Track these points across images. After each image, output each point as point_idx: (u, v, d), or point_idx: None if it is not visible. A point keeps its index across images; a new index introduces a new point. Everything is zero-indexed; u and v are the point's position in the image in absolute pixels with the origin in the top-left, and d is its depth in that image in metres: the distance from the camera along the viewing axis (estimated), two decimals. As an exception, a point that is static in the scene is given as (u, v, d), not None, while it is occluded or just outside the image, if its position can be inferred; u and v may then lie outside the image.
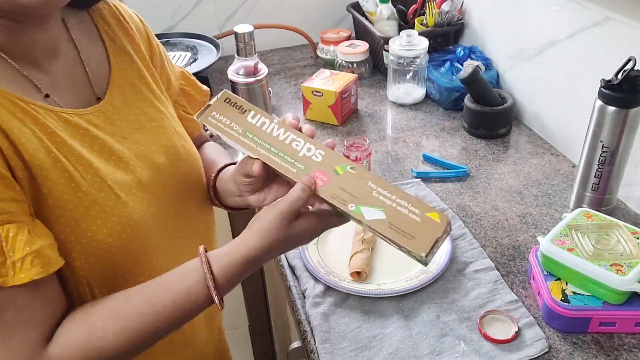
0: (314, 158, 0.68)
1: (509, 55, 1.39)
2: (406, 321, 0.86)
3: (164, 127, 0.75)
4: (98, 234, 0.63)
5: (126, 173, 0.68)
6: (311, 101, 1.39)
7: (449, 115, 1.42)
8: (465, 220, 1.06)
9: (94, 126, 0.67)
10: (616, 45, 1.04)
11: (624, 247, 0.86)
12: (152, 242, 0.70)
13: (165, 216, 0.72)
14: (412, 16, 1.61)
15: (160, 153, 0.73)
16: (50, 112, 0.63)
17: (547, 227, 1.04)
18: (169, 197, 0.73)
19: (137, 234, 0.67)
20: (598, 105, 0.97)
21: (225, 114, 0.70)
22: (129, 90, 0.74)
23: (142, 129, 0.73)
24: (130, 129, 0.71)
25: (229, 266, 0.65)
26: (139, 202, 0.68)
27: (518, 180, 1.17)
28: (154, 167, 0.72)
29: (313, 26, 1.74)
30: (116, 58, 0.74)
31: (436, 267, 0.94)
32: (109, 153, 0.67)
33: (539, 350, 0.81)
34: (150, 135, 0.73)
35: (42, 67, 0.65)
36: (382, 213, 0.65)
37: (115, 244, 0.65)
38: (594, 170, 1.01)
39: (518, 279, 0.94)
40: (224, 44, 1.59)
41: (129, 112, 0.72)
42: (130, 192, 0.67)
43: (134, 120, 0.72)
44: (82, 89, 0.69)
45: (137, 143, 0.71)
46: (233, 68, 1.31)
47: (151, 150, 0.72)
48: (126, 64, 0.75)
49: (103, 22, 0.75)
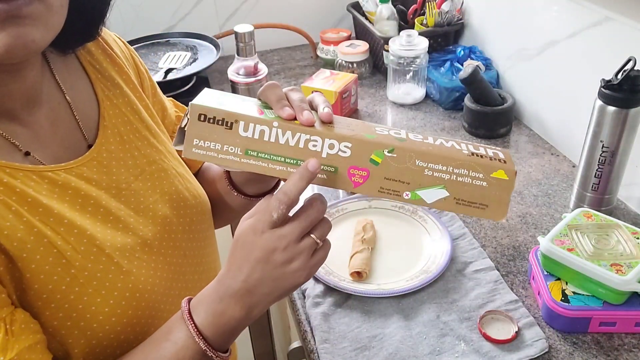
0: (340, 154, 0.56)
1: (509, 55, 1.39)
2: (406, 321, 0.86)
3: (164, 170, 0.66)
4: (99, 314, 0.55)
5: (127, 235, 0.59)
6: (311, 101, 1.39)
7: (449, 115, 1.42)
8: (465, 220, 1.06)
9: (86, 181, 0.58)
10: (616, 45, 1.03)
11: (624, 247, 0.86)
12: (164, 308, 0.61)
13: (176, 275, 0.64)
14: (412, 16, 1.61)
15: (164, 202, 0.64)
16: (31, 173, 0.54)
17: (547, 227, 1.04)
18: (180, 253, 0.65)
19: (145, 306, 0.58)
20: (598, 105, 0.97)
21: (209, 137, 0.54)
22: (124, 129, 0.64)
23: (141, 175, 0.64)
24: (129, 177, 0.62)
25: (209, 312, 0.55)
26: (144, 267, 0.59)
27: (518, 180, 1.17)
28: (159, 221, 0.63)
29: (313, 26, 1.74)
30: (105, 93, 0.64)
31: (436, 267, 0.94)
32: (104, 213, 0.58)
33: (539, 350, 0.81)
34: (151, 182, 0.64)
35: (20, 119, 0.56)
36: (444, 190, 0.57)
37: (121, 322, 0.56)
38: (594, 170, 1.01)
39: (518, 279, 0.94)
40: (224, 43, 1.59)
41: (126, 155, 0.63)
42: (134, 257, 0.58)
43: (133, 164, 0.63)
44: (70, 137, 0.60)
45: (136, 195, 0.62)
46: (233, 68, 1.31)
47: (154, 201, 0.63)
48: (117, 98, 0.65)
49: (85, 52, 0.65)
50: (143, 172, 0.64)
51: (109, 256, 0.56)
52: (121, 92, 0.66)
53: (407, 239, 1.02)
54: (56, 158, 0.58)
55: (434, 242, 1.00)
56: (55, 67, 0.62)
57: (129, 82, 0.67)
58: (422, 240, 1.02)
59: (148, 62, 1.47)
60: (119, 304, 0.56)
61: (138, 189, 0.62)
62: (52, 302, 0.52)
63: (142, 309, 0.58)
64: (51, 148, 0.58)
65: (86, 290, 0.54)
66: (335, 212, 1.08)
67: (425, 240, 1.01)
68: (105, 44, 0.67)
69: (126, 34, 1.56)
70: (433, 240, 1.01)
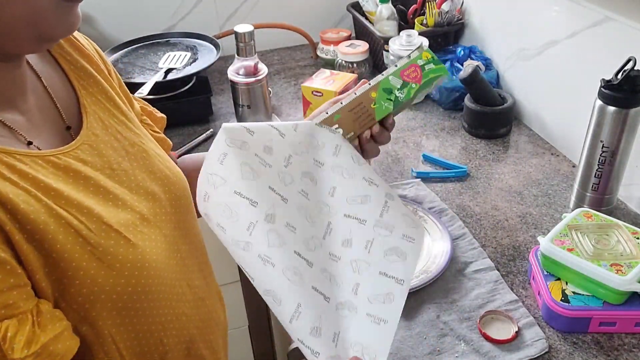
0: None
1: (509, 55, 1.39)
2: (406, 321, 0.86)
3: (146, 151, 0.70)
4: (117, 285, 0.58)
5: (127, 211, 0.62)
6: (311, 101, 1.39)
7: (449, 115, 1.42)
8: (465, 220, 1.06)
9: (83, 163, 0.61)
10: (616, 45, 1.04)
11: (624, 247, 0.86)
12: (166, 276, 0.65)
13: (171, 246, 0.68)
14: (412, 16, 1.61)
15: (151, 180, 0.68)
16: (37, 158, 0.57)
17: (547, 227, 1.04)
18: (171, 226, 0.69)
19: (152, 275, 0.62)
20: (598, 105, 0.97)
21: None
22: (104, 115, 0.67)
23: (127, 155, 0.67)
24: (117, 158, 0.65)
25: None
26: (147, 239, 0.63)
27: (518, 180, 1.17)
28: (151, 197, 0.67)
29: (313, 26, 1.74)
30: (80, 82, 0.67)
31: (436, 267, 0.94)
32: (104, 192, 0.61)
33: (539, 350, 0.81)
34: (137, 162, 0.68)
35: (18, 107, 0.59)
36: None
37: (135, 291, 0.60)
38: (594, 170, 1.01)
39: (518, 279, 0.94)
40: (224, 43, 1.59)
41: (110, 138, 0.66)
42: (137, 231, 0.62)
43: (119, 147, 0.67)
44: (57, 124, 0.63)
45: (127, 174, 0.65)
46: (233, 68, 1.31)
47: (142, 179, 0.67)
48: (92, 87, 0.68)
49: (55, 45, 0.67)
50: (128, 153, 0.67)
51: (117, 232, 0.60)
52: (94, 81, 0.69)
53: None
54: (50, 144, 0.61)
55: (434, 242, 1.00)
56: (30, 58, 0.64)
57: (99, 72, 0.70)
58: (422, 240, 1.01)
59: (148, 62, 1.47)
60: (133, 275, 0.60)
61: (127, 168, 0.66)
62: (76, 279, 0.56)
63: (151, 278, 0.62)
64: (44, 134, 0.61)
65: (103, 264, 0.57)
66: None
67: (425, 240, 1.01)
68: (72, 37, 0.70)
69: (126, 34, 1.56)
70: (433, 240, 1.01)
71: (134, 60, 1.48)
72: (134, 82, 1.35)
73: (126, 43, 1.54)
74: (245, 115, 1.34)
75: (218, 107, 1.48)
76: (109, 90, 0.70)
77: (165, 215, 0.68)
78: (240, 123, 0.70)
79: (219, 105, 1.49)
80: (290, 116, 1.44)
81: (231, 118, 1.41)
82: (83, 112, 0.65)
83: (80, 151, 0.62)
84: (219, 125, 1.39)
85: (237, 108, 1.35)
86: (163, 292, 0.65)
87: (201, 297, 0.73)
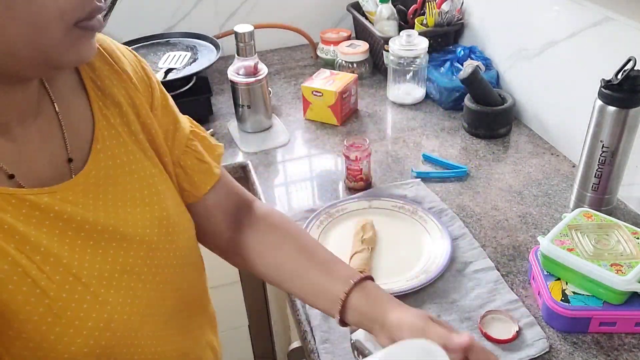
0: None
1: (509, 55, 1.39)
2: (406, 321, 0.86)
3: (158, 194, 0.64)
4: (71, 344, 0.53)
5: (106, 261, 0.57)
6: (311, 101, 1.39)
7: (449, 115, 1.42)
8: (465, 220, 1.06)
9: (71, 204, 0.56)
10: (616, 45, 1.04)
11: (624, 247, 0.86)
12: (140, 336, 0.60)
13: (156, 301, 0.62)
14: (412, 16, 1.61)
15: (153, 227, 0.62)
16: (11, 197, 0.51)
17: (547, 227, 1.04)
18: (161, 278, 0.63)
19: (119, 336, 0.57)
20: (598, 105, 0.97)
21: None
22: (119, 151, 0.61)
23: (132, 200, 0.61)
24: (118, 202, 0.60)
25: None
26: (122, 295, 0.58)
27: (518, 180, 1.17)
28: (144, 247, 0.61)
29: (313, 26, 1.74)
30: (103, 112, 0.61)
31: (436, 267, 0.94)
32: (85, 238, 0.56)
33: (540, 350, 0.81)
34: (142, 207, 0.62)
35: (11, 132, 0.54)
36: None
37: (94, 353, 0.55)
38: (594, 170, 1.01)
39: (518, 279, 0.94)
40: (224, 44, 1.59)
41: (117, 180, 0.61)
42: (111, 285, 0.57)
43: (123, 190, 0.61)
44: (59, 154, 0.58)
45: (125, 220, 0.60)
46: (233, 68, 1.31)
47: (143, 224, 0.61)
48: (115, 118, 0.62)
49: (87, 66, 0.62)
50: (134, 197, 0.62)
51: (84, 285, 0.54)
52: (120, 112, 0.63)
53: (407, 239, 1.02)
54: (40, 179, 0.55)
55: (434, 242, 1.00)
56: (49, 81, 0.59)
57: (133, 98, 0.64)
58: (422, 240, 1.02)
59: (148, 62, 1.45)
60: (92, 335, 0.54)
61: (126, 214, 0.60)
62: (23, 332, 0.51)
63: (117, 338, 0.57)
64: (37, 167, 0.56)
65: (59, 320, 0.52)
66: (335, 212, 1.08)
67: (425, 240, 1.01)
68: (112, 59, 0.64)
69: (126, 34, 1.56)
70: (433, 240, 1.01)
71: (134, 60, 1.48)
72: (134, 82, 1.35)
73: (126, 43, 1.54)
74: (246, 115, 1.34)
75: (218, 107, 1.48)
76: (135, 122, 0.64)
77: (157, 268, 0.62)
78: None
79: (219, 105, 1.49)
80: (290, 116, 1.44)
81: (231, 118, 1.42)
82: (94, 148, 0.60)
83: (72, 192, 0.56)
84: (219, 125, 1.40)
85: (237, 108, 1.35)
86: (133, 353, 0.59)
87: (185, 352, 0.68)
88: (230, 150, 1.31)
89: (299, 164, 1.27)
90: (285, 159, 1.29)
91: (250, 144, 1.32)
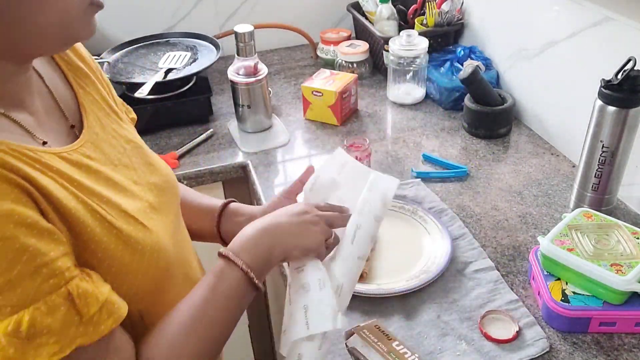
0: None
1: (509, 55, 1.39)
2: (407, 321, 0.86)
3: (140, 147, 0.74)
4: (141, 267, 0.63)
5: (136, 200, 0.66)
6: (311, 101, 1.39)
7: (449, 115, 1.42)
8: (465, 220, 1.06)
9: (90, 159, 0.64)
10: (616, 45, 1.04)
11: (624, 247, 0.86)
12: (176, 258, 0.71)
13: (174, 232, 0.73)
14: (412, 16, 1.61)
15: (150, 173, 0.72)
16: (54, 155, 0.60)
17: (547, 227, 1.04)
18: (172, 212, 0.74)
19: (167, 257, 0.67)
20: (598, 105, 0.97)
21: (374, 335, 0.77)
22: (100, 114, 0.71)
23: (125, 152, 0.70)
24: (117, 154, 0.69)
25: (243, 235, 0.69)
26: (158, 226, 0.67)
27: (518, 180, 1.17)
28: (153, 187, 0.71)
29: (313, 26, 1.74)
30: (77, 81, 0.70)
31: (436, 267, 0.94)
32: (113, 185, 0.65)
33: (540, 350, 0.81)
34: (134, 157, 0.71)
35: (28, 108, 0.62)
36: None
37: (156, 274, 0.65)
38: (594, 170, 1.01)
39: (518, 279, 0.94)
40: (224, 44, 1.59)
41: (108, 136, 0.69)
42: (149, 217, 0.66)
43: (116, 144, 0.70)
44: (60, 123, 0.66)
45: (127, 168, 0.69)
46: (233, 68, 1.31)
47: (142, 172, 0.71)
48: (88, 87, 0.71)
49: None
50: (125, 150, 0.71)
51: (135, 219, 0.63)
52: (90, 81, 0.72)
53: (407, 239, 1.02)
54: (59, 143, 0.63)
55: (434, 242, 1.00)
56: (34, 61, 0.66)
57: (92, 72, 0.73)
58: (422, 240, 1.02)
59: (148, 62, 1.47)
60: (152, 257, 0.64)
61: (127, 163, 0.69)
62: (104, 261, 0.59)
63: (163, 260, 0.66)
64: (52, 134, 0.63)
65: (127, 247, 0.61)
66: (336, 212, 1.08)
67: (425, 240, 1.01)
68: None
69: (126, 34, 1.56)
70: (433, 240, 1.01)
71: (134, 60, 1.48)
72: (134, 82, 1.35)
73: (126, 43, 1.54)
74: (246, 116, 1.34)
75: (218, 107, 1.48)
76: (102, 90, 0.73)
77: (165, 205, 0.72)
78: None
79: (219, 105, 1.49)
80: (290, 116, 1.44)
81: (231, 118, 1.42)
82: (82, 111, 0.68)
83: (86, 148, 0.64)
84: (219, 125, 1.40)
85: (237, 108, 1.35)
86: (175, 273, 0.70)
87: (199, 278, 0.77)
88: (230, 150, 1.31)
89: (299, 164, 1.27)
90: (285, 159, 1.29)
91: (250, 144, 1.32)
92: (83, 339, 0.53)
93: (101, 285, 0.57)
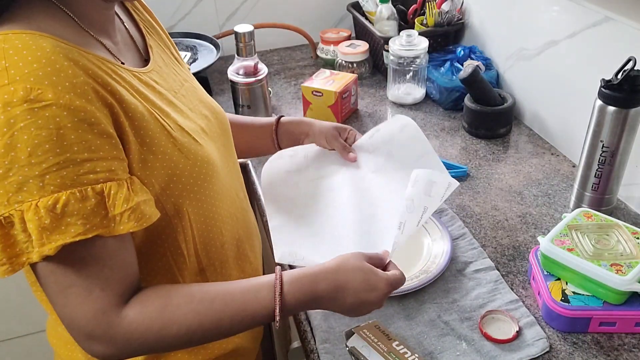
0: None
1: (509, 55, 1.39)
2: (407, 321, 0.86)
3: (194, 88, 0.85)
4: (193, 172, 0.72)
5: (191, 122, 0.77)
6: (311, 101, 1.39)
7: (449, 115, 1.42)
8: (465, 220, 1.06)
9: (156, 83, 0.75)
10: (616, 45, 1.04)
11: (624, 247, 0.86)
12: (223, 177, 0.80)
13: (222, 158, 0.82)
14: (412, 16, 1.61)
15: (203, 106, 0.83)
16: (129, 72, 0.71)
17: (547, 227, 1.04)
18: (221, 143, 0.84)
19: (215, 170, 0.76)
20: (598, 105, 0.97)
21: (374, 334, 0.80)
22: (164, 56, 0.84)
23: (182, 87, 0.81)
24: (176, 85, 0.80)
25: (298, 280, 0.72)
26: (208, 145, 0.78)
27: (518, 180, 1.17)
28: (205, 117, 0.82)
29: (313, 26, 1.74)
30: (147, 29, 0.84)
31: (436, 267, 0.94)
32: (173, 105, 0.75)
33: (540, 350, 0.81)
34: (189, 92, 0.83)
35: (111, 37, 0.73)
36: None
37: (205, 180, 0.75)
38: (594, 170, 1.01)
39: (518, 279, 0.94)
40: (224, 43, 1.59)
41: (170, 71, 0.82)
42: (200, 137, 0.77)
43: (175, 79, 0.82)
44: (134, 53, 0.78)
45: (185, 98, 0.80)
46: (233, 68, 1.31)
47: (196, 104, 0.82)
48: (154, 35, 0.85)
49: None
50: (182, 86, 0.82)
51: (188, 133, 0.74)
52: (156, 31, 0.86)
53: (407, 239, 1.02)
54: (133, 66, 0.74)
55: (434, 242, 1.00)
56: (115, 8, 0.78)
57: (160, 27, 0.88)
58: (422, 240, 1.02)
59: (148, 62, 1.47)
60: (203, 167, 0.74)
61: (184, 94, 0.81)
62: (163, 162, 0.69)
63: (214, 172, 0.77)
64: (129, 60, 0.75)
65: (182, 154, 0.71)
66: (336, 212, 1.08)
67: (425, 240, 1.01)
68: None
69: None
70: (433, 240, 1.01)
71: (134, 60, 1.48)
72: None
73: (126, 43, 1.54)
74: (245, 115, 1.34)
75: (218, 107, 1.48)
76: (166, 40, 0.88)
77: (214, 134, 0.82)
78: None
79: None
80: (290, 116, 1.44)
81: (231, 118, 1.41)
82: (149, 49, 0.81)
83: (153, 74, 0.76)
84: (219, 125, 1.39)
85: (237, 108, 1.35)
86: (221, 190, 0.79)
87: (244, 207, 0.89)
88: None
89: (299, 164, 1.27)
90: (285, 159, 1.29)
91: (250, 144, 1.32)
92: (104, 230, 0.61)
93: (136, 194, 0.64)
